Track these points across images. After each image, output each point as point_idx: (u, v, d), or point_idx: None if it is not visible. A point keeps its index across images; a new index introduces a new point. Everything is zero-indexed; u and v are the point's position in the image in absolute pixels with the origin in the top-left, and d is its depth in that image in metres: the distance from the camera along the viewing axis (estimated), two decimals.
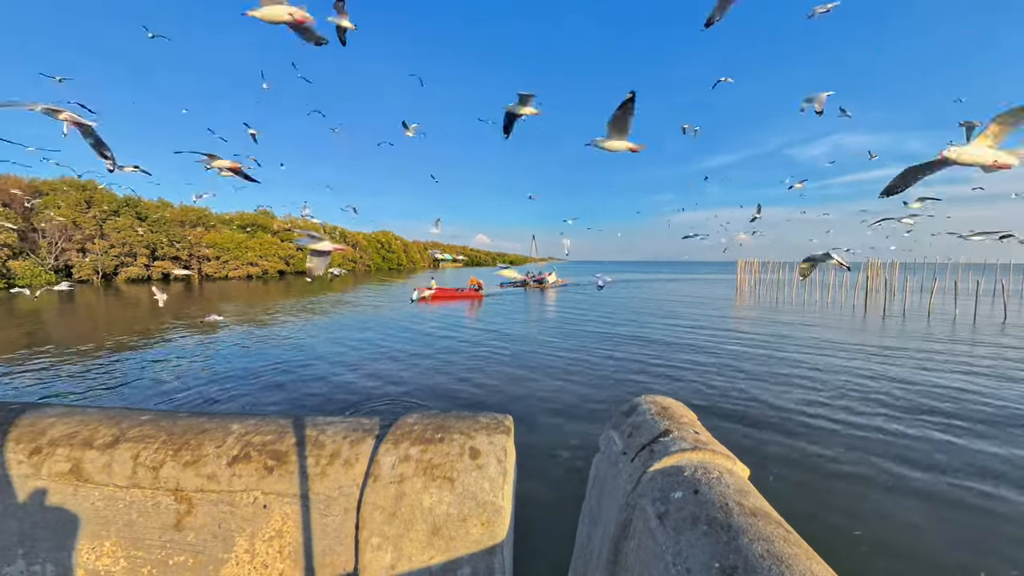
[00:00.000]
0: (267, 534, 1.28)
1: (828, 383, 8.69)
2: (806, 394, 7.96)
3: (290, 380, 9.16)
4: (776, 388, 8.34)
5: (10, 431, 1.40)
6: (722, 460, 1.15)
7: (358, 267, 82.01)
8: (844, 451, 5.69)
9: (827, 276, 35.64)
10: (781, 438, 6.05)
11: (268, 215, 66.33)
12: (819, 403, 7.49)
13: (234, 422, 1.45)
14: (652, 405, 1.48)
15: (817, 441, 5.97)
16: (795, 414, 6.96)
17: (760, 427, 6.42)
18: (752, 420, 6.69)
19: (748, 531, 0.84)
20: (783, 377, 9.14)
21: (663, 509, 0.98)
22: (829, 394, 7.98)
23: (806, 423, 6.59)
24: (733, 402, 7.55)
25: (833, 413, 7.02)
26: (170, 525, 1.30)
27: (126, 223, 47.39)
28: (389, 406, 7.44)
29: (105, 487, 1.32)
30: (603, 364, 10.45)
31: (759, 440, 6.00)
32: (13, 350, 12.31)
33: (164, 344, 13.32)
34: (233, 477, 1.30)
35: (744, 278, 42.00)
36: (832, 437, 6.12)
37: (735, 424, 6.50)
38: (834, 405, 7.39)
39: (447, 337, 14.01)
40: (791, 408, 7.22)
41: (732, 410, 7.15)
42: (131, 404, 8.01)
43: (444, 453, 1.31)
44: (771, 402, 7.51)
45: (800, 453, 5.62)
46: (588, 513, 1.51)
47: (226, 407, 7.70)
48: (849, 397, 7.82)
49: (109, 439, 1.36)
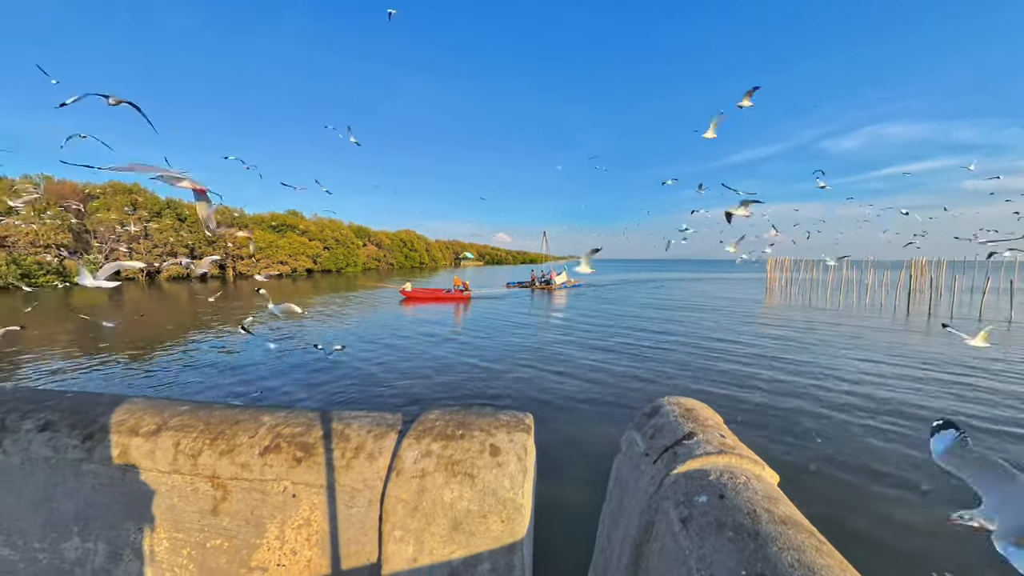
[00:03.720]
0: (296, 522, 1.33)
1: (866, 389, 8.26)
2: (843, 399, 7.59)
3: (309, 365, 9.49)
4: (811, 394, 7.99)
5: (66, 418, 1.51)
6: (750, 465, 1.11)
7: (382, 265, 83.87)
8: (888, 464, 5.40)
9: (865, 275, 33.74)
10: (815, 446, 5.79)
11: (297, 216, 68.76)
12: (859, 409, 7.12)
13: (265, 414, 1.52)
14: (676, 407, 1.45)
15: (857, 452, 5.68)
16: (832, 422, 6.64)
17: (793, 434, 6.17)
18: (784, 426, 6.43)
19: (777, 539, 0.81)
20: (818, 382, 8.75)
21: (687, 513, 0.96)
22: (869, 402, 7.58)
23: (844, 431, 6.29)
24: (764, 407, 7.28)
25: (876, 423, 6.66)
26: (207, 510, 1.37)
27: (168, 224, 50.17)
28: (403, 400, 7.58)
29: (150, 472, 1.40)
30: (624, 365, 10.29)
31: (791, 447, 5.76)
32: (80, 342, 13.27)
33: (206, 337, 14.05)
34: (265, 467, 1.36)
35: (775, 277, 40.31)
36: (874, 448, 5.81)
37: (765, 430, 6.26)
38: (876, 412, 7.01)
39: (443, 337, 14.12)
40: (828, 416, 6.90)
41: (763, 415, 6.89)
42: (172, 393, 8.50)
43: (465, 449, 1.32)
44: (806, 409, 7.20)
45: (837, 464, 5.36)
46: (609, 514, 1.50)
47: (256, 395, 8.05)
48: (891, 406, 7.40)
49: (153, 427, 1.45)
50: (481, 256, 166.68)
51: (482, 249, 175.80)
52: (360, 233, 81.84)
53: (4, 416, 1.53)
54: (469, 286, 26.94)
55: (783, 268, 40.52)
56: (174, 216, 51.88)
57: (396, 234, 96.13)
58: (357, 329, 15.42)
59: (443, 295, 25.57)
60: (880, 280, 32.05)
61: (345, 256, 72.07)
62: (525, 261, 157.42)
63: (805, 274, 41.77)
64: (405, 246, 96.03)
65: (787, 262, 40.58)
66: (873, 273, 32.87)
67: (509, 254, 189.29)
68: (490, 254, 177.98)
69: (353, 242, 75.52)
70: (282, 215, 66.94)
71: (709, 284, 43.35)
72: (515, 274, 55.62)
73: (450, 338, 13.81)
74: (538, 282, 35.44)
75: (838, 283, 34.09)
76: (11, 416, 1.53)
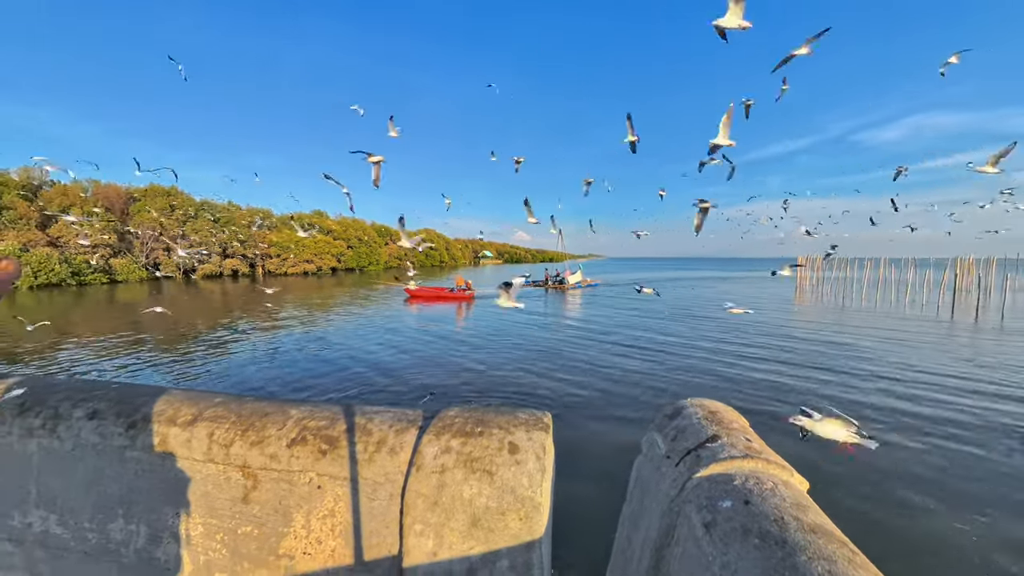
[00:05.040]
0: (321, 513, 1.38)
1: (906, 393, 7.83)
2: (881, 401, 7.22)
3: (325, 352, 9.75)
4: (845, 397, 7.65)
5: (112, 407, 1.61)
6: (777, 470, 1.07)
7: (403, 264, 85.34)
8: (926, 478, 5.11)
9: (904, 273, 31.89)
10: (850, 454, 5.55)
11: (322, 215, 70.74)
12: (896, 413, 6.77)
13: (292, 407, 1.57)
14: (699, 409, 1.41)
15: (896, 462, 5.40)
16: (868, 429, 6.34)
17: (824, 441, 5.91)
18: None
19: (806, 549, 0.78)
20: (855, 386, 8.35)
21: (710, 518, 0.93)
22: (909, 408, 7.18)
23: (881, 439, 5.99)
24: (793, 410, 7.02)
25: (918, 431, 6.31)
26: (239, 498, 1.43)
27: (204, 225, 52.60)
28: (418, 395, 7.69)
29: (186, 460, 1.48)
30: (641, 366, 10.11)
31: (822, 453, 5.54)
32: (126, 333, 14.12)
33: (235, 331, 14.67)
34: (292, 458, 1.41)
35: (805, 275, 38.67)
36: (913, 458, 5.51)
37: (794, 435, 6.04)
38: (915, 418, 6.64)
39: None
40: (863, 422, 6.59)
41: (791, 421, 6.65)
42: (206, 385, 8.93)
43: (484, 447, 1.33)
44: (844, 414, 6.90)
45: (874, 473, 5.11)
46: (628, 516, 1.48)
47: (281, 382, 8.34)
48: (931, 414, 6.99)
49: (189, 418, 1.53)
50: (500, 254, 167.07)
51: (501, 247, 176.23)
52: (382, 232, 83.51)
53: (58, 405, 1.65)
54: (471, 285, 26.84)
55: (814, 266, 38.83)
56: (208, 217, 54.33)
57: (417, 233, 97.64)
58: (366, 328, 15.75)
59: (446, 294, 25.57)
60: (922, 279, 30.25)
61: (368, 255, 73.75)
62: (544, 259, 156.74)
63: (838, 272, 39.86)
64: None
65: (819, 260, 38.85)
66: (914, 271, 31.05)
67: (528, 252, 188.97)
68: (509, 252, 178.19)
69: (375, 241, 77.20)
70: (308, 215, 69.05)
71: (734, 283, 42.04)
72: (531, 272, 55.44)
73: (461, 339, 13.92)
74: (551, 281, 34.62)
75: (874, 281, 32.38)
76: (64, 405, 1.64)
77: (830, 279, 38.83)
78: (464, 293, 25.46)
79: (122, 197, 49.74)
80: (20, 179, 44.51)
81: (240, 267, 55.61)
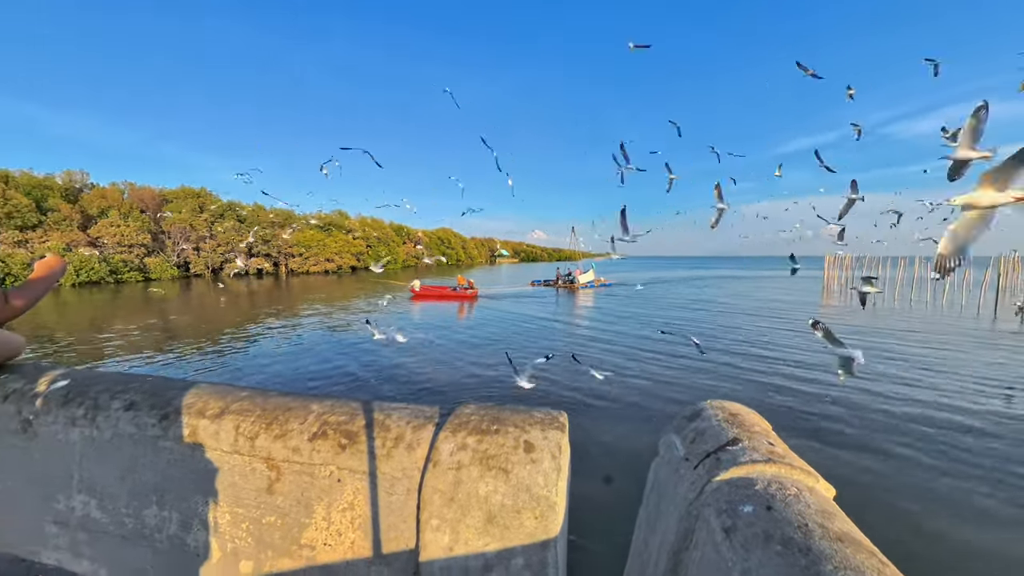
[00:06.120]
0: (341, 505, 1.41)
1: (942, 400, 7.45)
2: (915, 410, 6.90)
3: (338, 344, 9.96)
4: (879, 407, 7.34)
5: (147, 399, 1.69)
6: (801, 476, 1.04)
7: (420, 263, 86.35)
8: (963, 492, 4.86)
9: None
10: (878, 462, 5.31)
11: (343, 215, 72.32)
12: (932, 425, 6.45)
13: (313, 402, 1.61)
14: (719, 411, 1.38)
15: (929, 473, 5.16)
16: (898, 437, 6.06)
17: (851, 447, 5.69)
18: (842, 440, 5.95)
19: (832, 558, 0.75)
20: (887, 392, 8.00)
21: (730, 523, 0.91)
22: (947, 416, 6.84)
23: (912, 447, 5.72)
24: (818, 417, 6.78)
25: (951, 441, 6.00)
26: (263, 489, 1.48)
27: (230, 225, 54.57)
28: (440, 394, 7.77)
29: (214, 451, 1.54)
30: (659, 367, 9.94)
31: (850, 461, 5.33)
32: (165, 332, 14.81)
33: (261, 327, 15.17)
34: (313, 451, 1.45)
35: (833, 275, 37.15)
36: (946, 468, 5.25)
37: (818, 441, 5.83)
38: (950, 431, 6.32)
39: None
40: (893, 430, 6.30)
41: (817, 426, 6.42)
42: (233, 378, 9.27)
43: (499, 444, 1.33)
44: (868, 420, 6.62)
45: (905, 484, 4.89)
46: (645, 518, 1.46)
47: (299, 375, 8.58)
48: (971, 425, 6.64)
49: (217, 411, 1.59)
50: (516, 253, 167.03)
51: (517, 246, 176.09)
52: (400, 231, 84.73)
53: (97, 396, 1.74)
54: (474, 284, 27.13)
55: (843, 265, 37.22)
56: (234, 217, 56.31)
57: (434, 232, 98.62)
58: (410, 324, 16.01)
59: (449, 293, 25.81)
60: (960, 278, 28.66)
61: (386, 253, 75.00)
62: (560, 258, 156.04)
63: (869, 272, 38.13)
64: (442, 244, 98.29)
65: (848, 259, 37.20)
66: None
67: (544, 251, 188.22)
68: (525, 251, 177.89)
69: (393, 240, 78.39)
70: (329, 215, 70.67)
71: (755, 283, 40.80)
72: (546, 272, 55.16)
73: (465, 338, 13.99)
74: (562, 280, 34.09)
75: (908, 281, 30.87)
76: (103, 396, 1.74)
77: (860, 278, 37.15)
78: (466, 292, 25.74)
79: (155, 199, 52.13)
80: (63, 183, 47.20)
81: (265, 266, 57.49)
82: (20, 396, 1.79)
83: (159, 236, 50.50)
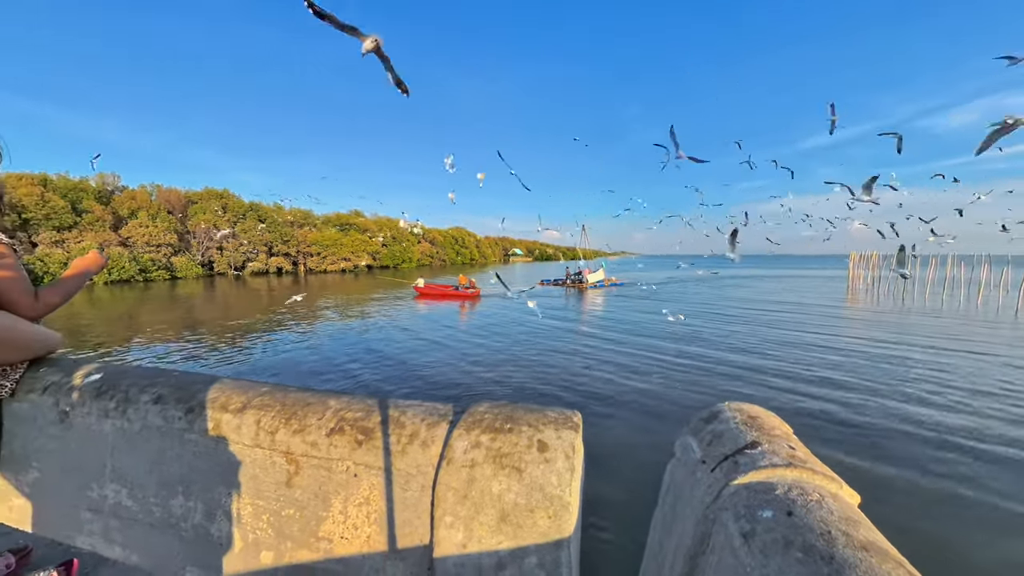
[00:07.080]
0: (357, 500, 1.44)
1: (976, 405, 7.12)
2: (947, 418, 6.61)
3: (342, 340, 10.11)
4: (908, 413, 7.06)
5: (174, 393, 1.76)
6: (823, 481, 1.01)
7: (435, 261, 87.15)
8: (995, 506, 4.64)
9: (977, 272, 28.79)
10: (905, 470, 5.11)
11: (359, 214, 73.55)
12: (966, 434, 6.17)
13: (331, 398, 1.65)
14: (737, 413, 1.35)
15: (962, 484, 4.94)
16: (928, 446, 5.82)
17: (876, 455, 5.49)
18: (867, 445, 5.74)
19: (857, 566, 0.72)
20: (919, 397, 7.70)
21: (748, 528, 0.89)
22: (982, 422, 6.54)
23: (943, 460, 5.48)
24: (842, 422, 6.56)
25: (987, 451, 5.74)
26: (282, 482, 1.52)
27: (252, 225, 56.19)
28: (457, 392, 7.83)
29: (236, 445, 1.59)
30: (674, 369, 9.78)
31: (875, 467, 5.14)
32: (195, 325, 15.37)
33: (278, 325, 15.58)
34: (330, 447, 1.48)
35: (859, 274, 35.82)
36: (979, 478, 5.02)
37: (842, 445, 5.64)
38: (986, 440, 6.04)
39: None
40: (925, 440, 6.06)
41: (840, 430, 6.21)
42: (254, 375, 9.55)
43: (512, 443, 1.33)
44: (897, 428, 6.38)
45: (934, 494, 4.70)
46: (660, 521, 1.44)
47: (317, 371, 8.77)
48: (1006, 433, 6.33)
49: (239, 405, 1.64)
50: (530, 252, 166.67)
51: (531, 245, 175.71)
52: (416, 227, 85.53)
53: (128, 389, 1.82)
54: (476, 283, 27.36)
55: (869, 264, 35.83)
56: (255, 217, 57.91)
57: (448, 231, 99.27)
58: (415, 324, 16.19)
59: (452, 292, 26.09)
60: (998, 278, 27.25)
61: (401, 252, 75.88)
62: (575, 257, 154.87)
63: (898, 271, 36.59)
64: (457, 243, 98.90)
65: (874, 257, 35.80)
66: (988, 270, 28.00)
67: (558, 250, 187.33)
68: (539, 250, 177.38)
69: (408, 239, 79.25)
70: (346, 215, 71.96)
71: (777, 282, 39.68)
72: (558, 271, 54.75)
73: (472, 336, 14.03)
74: (571, 279, 33.66)
75: (940, 280, 29.54)
76: (133, 389, 1.81)
77: (887, 278, 35.73)
78: (468, 291, 26.01)
79: (181, 200, 54.10)
80: (97, 185, 49.37)
81: (284, 264, 59.05)
82: (58, 388, 1.89)
83: (184, 236, 52.36)
